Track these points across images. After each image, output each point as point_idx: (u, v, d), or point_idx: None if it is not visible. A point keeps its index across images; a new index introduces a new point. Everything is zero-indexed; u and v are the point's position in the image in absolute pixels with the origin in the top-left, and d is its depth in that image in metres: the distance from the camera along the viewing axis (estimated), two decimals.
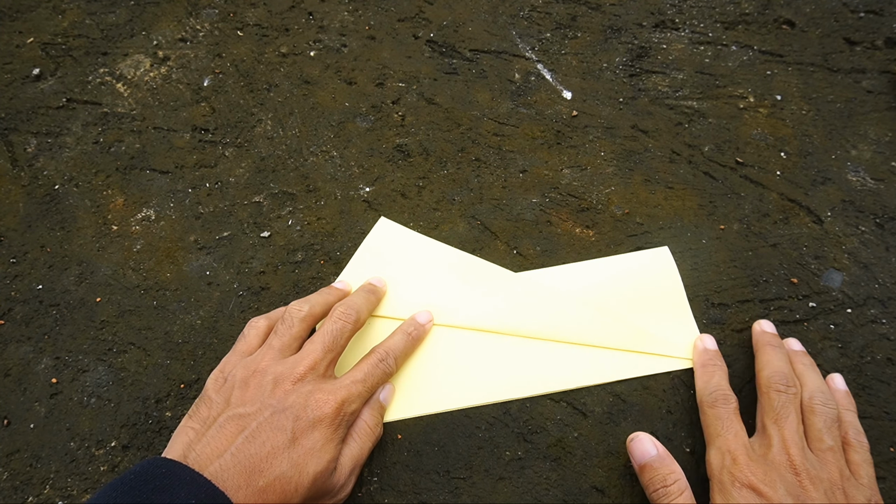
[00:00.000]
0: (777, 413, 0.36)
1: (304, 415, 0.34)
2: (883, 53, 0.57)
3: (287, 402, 0.35)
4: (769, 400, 0.37)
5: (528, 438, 0.40)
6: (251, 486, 0.31)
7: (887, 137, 0.52)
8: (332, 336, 0.38)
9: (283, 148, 0.52)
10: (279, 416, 0.34)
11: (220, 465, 0.31)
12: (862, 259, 0.46)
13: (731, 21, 0.59)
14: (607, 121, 0.53)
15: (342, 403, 0.36)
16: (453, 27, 0.59)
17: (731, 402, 0.38)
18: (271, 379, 0.36)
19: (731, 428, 0.36)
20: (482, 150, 0.52)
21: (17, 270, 0.47)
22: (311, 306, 0.40)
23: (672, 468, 0.35)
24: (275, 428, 0.33)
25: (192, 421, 0.35)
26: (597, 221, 0.48)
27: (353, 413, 0.36)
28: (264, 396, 0.35)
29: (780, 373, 0.38)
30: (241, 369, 0.37)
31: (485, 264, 0.46)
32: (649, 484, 0.35)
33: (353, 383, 0.37)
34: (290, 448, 0.33)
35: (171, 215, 0.49)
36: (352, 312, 0.40)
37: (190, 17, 0.60)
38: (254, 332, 0.40)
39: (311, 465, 0.33)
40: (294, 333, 0.39)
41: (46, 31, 0.59)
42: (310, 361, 0.37)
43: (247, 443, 0.32)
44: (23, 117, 0.54)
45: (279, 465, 0.32)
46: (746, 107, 0.54)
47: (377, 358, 0.39)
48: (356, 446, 0.36)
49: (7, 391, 0.42)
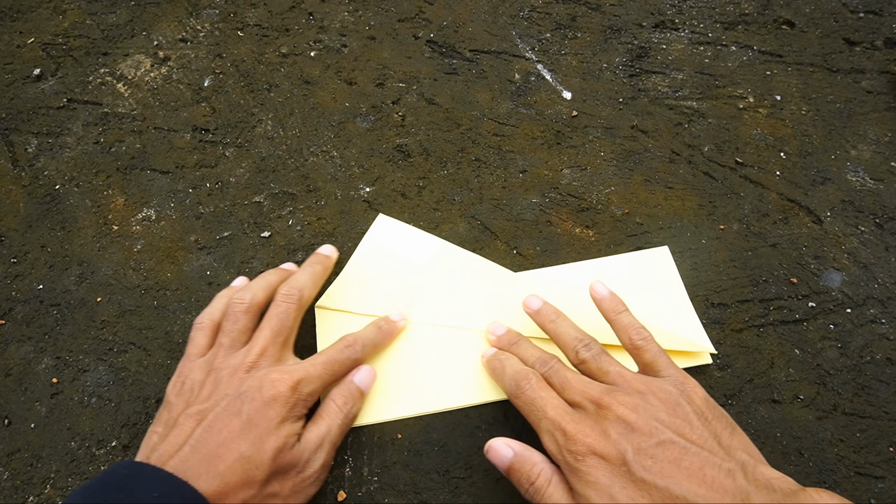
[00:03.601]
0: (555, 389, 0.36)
1: (259, 396, 0.35)
2: (882, 53, 0.57)
3: (242, 388, 0.35)
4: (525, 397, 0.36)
5: (528, 438, 0.40)
6: (212, 471, 0.31)
7: (887, 137, 0.52)
8: (277, 320, 0.39)
9: (284, 148, 0.52)
10: (234, 401, 0.34)
11: (179, 457, 0.32)
12: (861, 259, 0.46)
13: (730, 21, 0.59)
14: (607, 121, 0.53)
15: (297, 382, 0.36)
16: (453, 27, 0.59)
17: (530, 377, 0.36)
18: (227, 373, 0.36)
19: (546, 402, 0.34)
20: (482, 150, 0.52)
21: (18, 270, 0.47)
22: (252, 295, 0.40)
23: (533, 461, 0.34)
24: (230, 413, 0.34)
25: (155, 426, 0.35)
26: (597, 221, 0.48)
27: (311, 393, 0.37)
28: (220, 389, 0.36)
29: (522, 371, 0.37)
30: (197, 371, 0.37)
31: (484, 262, 0.46)
32: (518, 485, 0.34)
33: (311, 365, 0.38)
34: (247, 429, 0.33)
35: (172, 215, 0.49)
36: (294, 292, 0.40)
37: (190, 18, 0.60)
38: (200, 334, 0.40)
39: (270, 442, 0.33)
40: (240, 327, 0.39)
41: (47, 32, 0.59)
42: (259, 348, 0.37)
43: (204, 433, 0.33)
44: (23, 117, 0.54)
45: (237, 447, 0.33)
46: (746, 107, 0.54)
47: (343, 344, 0.40)
48: (323, 424, 0.37)
49: (8, 391, 0.42)
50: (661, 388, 0.34)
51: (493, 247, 0.47)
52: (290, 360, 0.38)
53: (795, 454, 0.39)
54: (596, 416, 0.33)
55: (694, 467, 0.30)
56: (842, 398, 0.41)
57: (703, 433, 0.32)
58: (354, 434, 0.40)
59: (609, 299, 0.40)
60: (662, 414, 0.32)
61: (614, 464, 0.31)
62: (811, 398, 0.41)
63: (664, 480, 0.30)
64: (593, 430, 0.32)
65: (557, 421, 0.33)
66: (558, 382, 0.36)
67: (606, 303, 0.39)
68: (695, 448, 0.31)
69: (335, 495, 0.38)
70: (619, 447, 0.31)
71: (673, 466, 0.30)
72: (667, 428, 0.31)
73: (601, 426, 0.32)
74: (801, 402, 0.41)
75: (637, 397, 0.33)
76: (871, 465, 0.39)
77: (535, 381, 0.36)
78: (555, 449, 0.33)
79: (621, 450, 0.31)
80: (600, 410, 0.33)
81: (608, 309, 0.39)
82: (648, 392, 0.33)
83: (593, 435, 0.32)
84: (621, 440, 0.31)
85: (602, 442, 0.32)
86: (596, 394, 0.34)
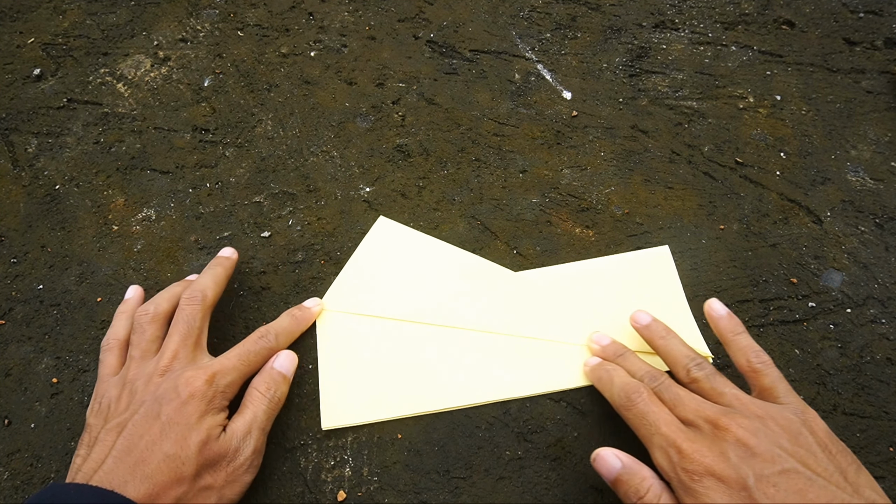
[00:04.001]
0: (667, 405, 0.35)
1: (175, 395, 0.35)
2: (882, 54, 0.57)
3: (158, 392, 0.36)
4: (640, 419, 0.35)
5: (528, 438, 0.40)
6: (138, 475, 0.32)
7: (887, 137, 0.52)
8: (184, 323, 0.39)
9: (284, 148, 0.52)
10: (152, 406, 0.35)
11: (104, 470, 0.32)
12: (861, 259, 0.46)
13: (730, 21, 0.59)
14: (607, 121, 0.53)
15: (212, 376, 0.36)
16: (453, 27, 0.59)
17: (641, 390, 0.35)
18: (141, 382, 0.37)
19: (659, 417, 0.34)
20: (482, 150, 0.52)
21: (18, 270, 0.47)
22: (155, 306, 0.40)
23: (642, 475, 0.33)
24: (149, 418, 0.34)
25: (78, 450, 0.35)
26: (597, 221, 0.48)
27: (228, 385, 0.37)
28: (137, 398, 0.36)
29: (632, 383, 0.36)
30: (112, 388, 0.37)
31: (485, 263, 0.46)
32: (625, 497, 0.33)
33: (225, 358, 0.38)
34: (167, 429, 0.34)
35: (172, 215, 0.49)
36: (196, 294, 0.40)
37: (190, 18, 0.60)
38: (109, 354, 0.40)
39: (193, 437, 0.34)
40: (148, 337, 0.39)
41: (47, 32, 0.59)
42: (171, 352, 0.38)
43: (125, 441, 0.33)
44: (23, 117, 0.54)
45: (160, 448, 0.33)
46: (746, 107, 0.54)
47: (256, 335, 0.41)
48: (248, 412, 0.37)
49: (8, 391, 0.42)
50: (781, 415, 0.32)
51: (493, 247, 0.47)
52: (203, 359, 0.39)
53: None
54: (713, 436, 0.32)
55: (820, 500, 0.28)
56: (842, 398, 0.41)
57: (827, 466, 0.30)
58: (354, 434, 0.40)
59: (727, 319, 0.38)
60: (784, 441, 0.31)
61: (733, 488, 0.29)
62: (811, 398, 0.41)
63: (785, 498, 0.28)
64: (711, 450, 0.31)
65: (672, 438, 0.32)
66: (670, 399, 0.35)
67: (724, 322, 0.38)
68: (821, 481, 0.29)
69: (335, 495, 0.38)
70: (739, 471, 0.30)
71: (797, 497, 0.28)
72: (790, 456, 0.30)
73: (719, 447, 0.31)
74: None
75: (757, 421, 0.32)
76: (871, 465, 0.39)
77: (646, 395, 0.35)
78: (668, 466, 0.32)
79: (742, 474, 0.30)
80: (717, 431, 0.32)
81: (726, 329, 0.38)
82: (768, 417, 0.32)
83: (711, 455, 0.31)
84: (742, 464, 0.30)
85: (721, 464, 0.30)
86: (712, 414, 0.32)
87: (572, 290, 0.45)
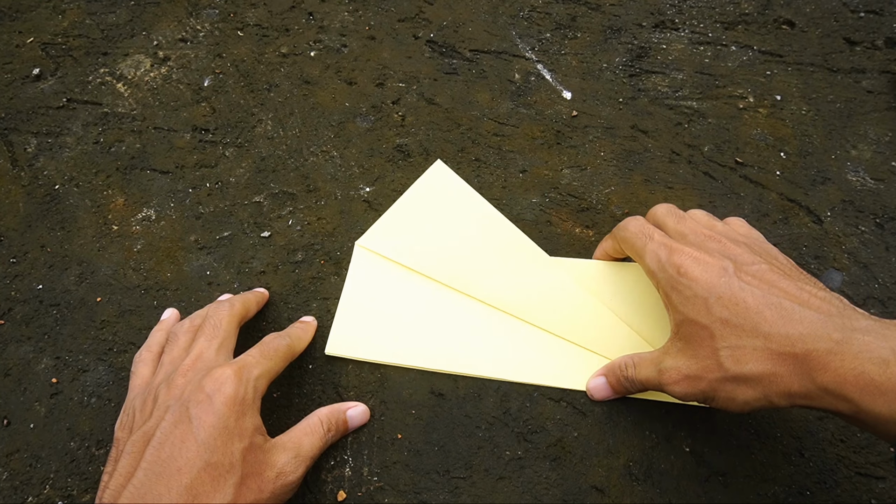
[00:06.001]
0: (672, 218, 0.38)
1: (204, 396, 0.32)
2: (883, 53, 0.57)
3: (183, 394, 0.33)
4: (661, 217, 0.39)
5: (528, 438, 0.40)
6: (175, 488, 0.29)
7: (887, 137, 0.52)
8: (210, 326, 0.37)
9: (284, 148, 0.52)
10: (178, 410, 0.32)
11: (133, 486, 0.29)
12: (862, 259, 0.46)
13: (730, 21, 0.59)
14: (607, 121, 0.53)
15: (240, 370, 0.34)
16: (453, 27, 0.59)
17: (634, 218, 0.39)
18: (164, 387, 0.34)
19: (654, 231, 0.37)
20: (482, 150, 0.52)
21: (18, 270, 0.47)
22: (191, 319, 0.39)
23: (616, 363, 0.39)
24: (179, 423, 0.31)
25: (107, 466, 0.33)
26: (597, 221, 0.48)
27: (258, 378, 0.34)
28: (161, 403, 0.33)
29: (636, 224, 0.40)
30: (138, 398, 0.35)
31: (525, 240, 0.46)
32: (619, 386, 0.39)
33: (247, 356, 0.36)
34: (202, 433, 0.31)
35: (172, 215, 0.49)
36: (224, 302, 0.39)
37: (190, 18, 0.60)
38: (142, 366, 0.38)
39: (235, 443, 0.31)
40: (181, 345, 0.37)
41: (47, 31, 0.59)
42: (195, 354, 0.35)
43: (155, 451, 0.30)
44: (23, 117, 0.54)
45: (199, 456, 0.30)
46: (746, 107, 0.54)
47: (272, 335, 0.39)
48: (301, 436, 0.35)
49: (7, 391, 0.42)
50: (764, 243, 0.37)
51: None
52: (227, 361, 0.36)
53: (796, 454, 0.39)
54: (701, 242, 0.35)
55: (791, 289, 0.31)
56: None
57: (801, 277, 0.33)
58: (355, 434, 0.40)
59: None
60: (764, 255, 0.34)
61: (715, 272, 0.33)
62: None
63: (762, 290, 0.31)
64: (698, 248, 0.34)
65: (663, 241, 0.36)
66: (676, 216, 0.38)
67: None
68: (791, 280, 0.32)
69: (335, 495, 0.38)
70: (721, 261, 0.33)
71: (769, 284, 0.32)
72: (768, 263, 0.33)
73: (705, 247, 0.34)
74: None
75: (741, 238, 0.36)
76: (871, 465, 0.39)
77: (644, 220, 0.39)
78: (657, 266, 0.35)
79: (723, 264, 0.33)
80: (706, 240, 0.35)
81: None
82: (757, 241, 0.36)
83: (697, 251, 0.34)
84: (723, 257, 0.33)
85: (705, 255, 0.34)
86: (703, 229, 0.36)
87: (605, 287, 0.44)
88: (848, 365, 0.27)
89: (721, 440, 0.40)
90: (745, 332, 0.30)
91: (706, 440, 0.40)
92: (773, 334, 0.29)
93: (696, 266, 0.33)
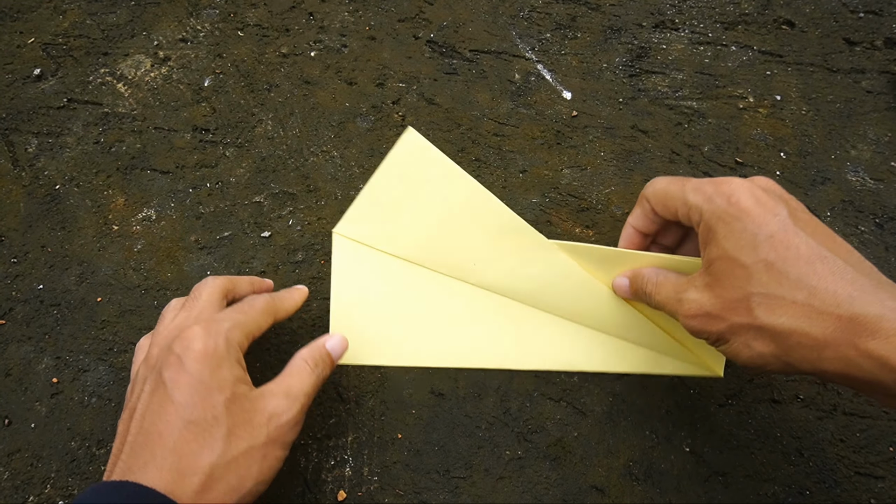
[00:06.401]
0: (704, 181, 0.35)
1: (174, 359, 0.31)
2: (883, 53, 0.57)
3: (157, 363, 0.32)
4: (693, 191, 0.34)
5: (528, 438, 0.40)
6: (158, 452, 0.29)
7: (887, 137, 0.52)
8: (192, 298, 0.36)
9: (284, 148, 0.52)
10: (153, 379, 0.31)
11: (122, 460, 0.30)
12: None
13: (730, 21, 0.59)
14: (607, 121, 0.53)
15: (208, 324, 0.32)
16: (453, 27, 0.59)
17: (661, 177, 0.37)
18: (143, 364, 0.34)
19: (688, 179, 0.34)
20: (482, 150, 0.52)
21: (18, 270, 0.47)
22: (179, 299, 0.38)
23: (642, 274, 0.36)
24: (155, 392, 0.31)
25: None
26: (597, 221, 0.48)
27: (230, 330, 0.33)
28: (138, 379, 0.33)
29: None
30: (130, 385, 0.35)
31: (518, 220, 0.42)
32: (642, 298, 0.37)
33: (221, 314, 0.35)
34: (177, 394, 0.30)
35: (172, 215, 0.49)
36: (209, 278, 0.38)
37: (190, 18, 0.60)
38: (139, 352, 0.37)
39: (215, 396, 0.30)
40: (166, 321, 0.36)
41: (47, 32, 0.59)
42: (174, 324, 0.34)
43: (137, 423, 0.30)
44: (23, 117, 0.54)
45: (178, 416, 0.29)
46: (746, 107, 0.54)
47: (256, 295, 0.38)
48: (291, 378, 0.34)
49: (8, 391, 0.42)
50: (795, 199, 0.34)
51: None
52: None
53: (795, 454, 0.39)
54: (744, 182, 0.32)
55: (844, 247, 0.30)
56: (842, 398, 0.41)
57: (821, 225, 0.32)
58: (355, 434, 0.40)
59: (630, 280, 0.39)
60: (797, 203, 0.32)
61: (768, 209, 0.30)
62: (811, 398, 0.41)
63: (816, 240, 0.29)
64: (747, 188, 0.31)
65: (705, 181, 0.33)
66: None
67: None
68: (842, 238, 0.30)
69: (335, 495, 0.38)
70: (775, 201, 0.30)
71: (824, 235, 0.30)
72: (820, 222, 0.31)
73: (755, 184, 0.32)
74: (801, 402, 0.41)
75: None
76: (871, 465, 0.39)
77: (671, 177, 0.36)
78: (702, 198, 0.32)
79: (778, 203, 0.30)
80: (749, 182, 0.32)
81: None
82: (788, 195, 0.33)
83: (748, 188, 0.31)
84: (778, 198, 0.31)
85: (757, 191, 0.31)
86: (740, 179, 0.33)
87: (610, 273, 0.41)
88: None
89: (721, 440, 0.40)
90: (788, 281, 0.28)
91: (706, 440, 0.40)
92: (821, 290, 0.27)
93: (749, 198, 0.30)
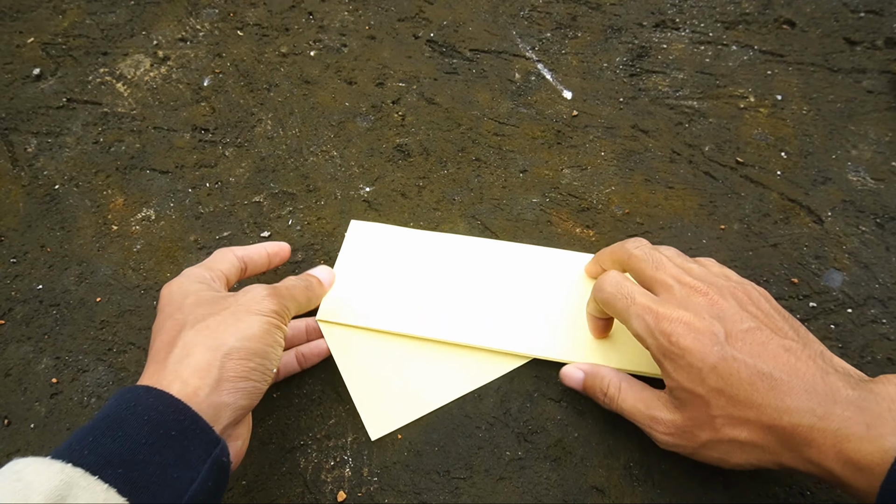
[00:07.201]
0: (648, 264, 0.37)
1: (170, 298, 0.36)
2: (883, 53, 0.57)
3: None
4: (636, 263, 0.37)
5: (528, 438, 0.40)
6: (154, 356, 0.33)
7: (887, 137, 0.52)
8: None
9: (284, 148, 0.52)
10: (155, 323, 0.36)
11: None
12: (862, 259, 0.46)
13: (731, 21, 0.59)
14: (607, 121, 0.53)
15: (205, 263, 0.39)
16: (453, 27, 0.59)
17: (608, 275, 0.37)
18: None
19: (634, 290, 0.36)
20: (482, 149, 0.52)
21: (18, 270, 0.47)
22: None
23: (601, 374, 0.38)
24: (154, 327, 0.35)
25: None
26: (597, 221, 0.48)
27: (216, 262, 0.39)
28: None
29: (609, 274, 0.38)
30: None
31: (460, 238, 0.47)
32: (595, 398, 0.38)
33: None
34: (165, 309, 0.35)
35: (172, 215, 0.49)
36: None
37: (190, 17, 0.60)
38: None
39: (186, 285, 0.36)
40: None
41: (47, 31, 0.59)
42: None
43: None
44: (23, 117, 0.54)
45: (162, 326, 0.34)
46: (747, 107, 0.54)
47: None
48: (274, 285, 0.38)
49: (7, 391, 0.42)
50: (743, 285, 0.35)
51: None
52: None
53: None
54: (686, 298, 0.34)
55: (779, 351, 0.32)
56: None
57: (783, 326, 0.33)
58: (354, 434, 0.40)
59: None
60: (749, 306, 0.34)
61: (704, 343, 0.32)
62: None
63: (753, 359, 0.31)
64: (686, 310, 0.33)
65: (647, 304, 0.34)
66: (652, 260, 0.37)
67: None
68: (778, 338, 0.32)
69: (335, 495, 0.38)
70: (712, 326, 0.32)
71: (761, 348, 0.32)
72: (754, 318, 0.33)
73: (693, 308, 0.33)
74: None
75: (725, 287, 0.35)
76: None
77: (620, 276, 0.37)
78: (645, 331, 0.34)
79: (714, 329, 0.32)
80: (691, 293, 0.34)
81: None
82: (737, 285, 0.35)
83: (686, 314, 0.33)
84: (714, 321, 0.33)
85: (695, 320, 0.33)
86: (687, 278, 0.35)
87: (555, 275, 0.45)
88: (829, 442, 0.29)
89: None
90: (739, 403, 0.31)
91: None
92: (765, 406, 0.31)
93: (687, 335, 0.32)
